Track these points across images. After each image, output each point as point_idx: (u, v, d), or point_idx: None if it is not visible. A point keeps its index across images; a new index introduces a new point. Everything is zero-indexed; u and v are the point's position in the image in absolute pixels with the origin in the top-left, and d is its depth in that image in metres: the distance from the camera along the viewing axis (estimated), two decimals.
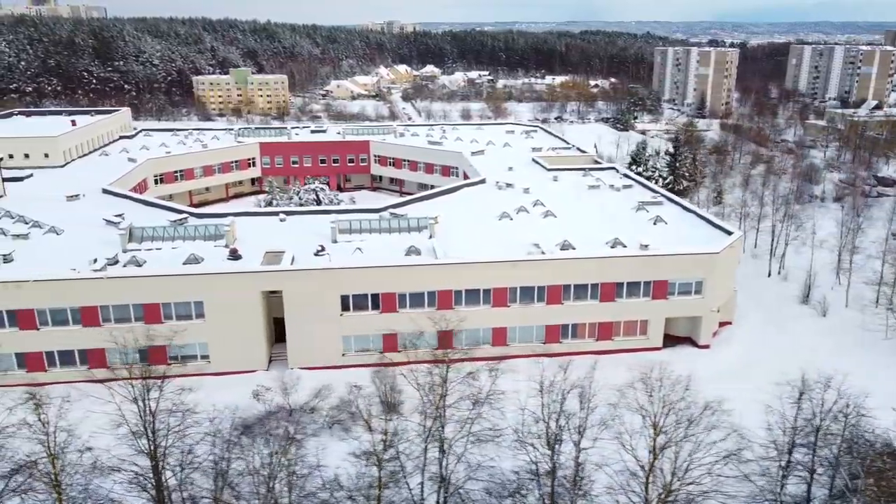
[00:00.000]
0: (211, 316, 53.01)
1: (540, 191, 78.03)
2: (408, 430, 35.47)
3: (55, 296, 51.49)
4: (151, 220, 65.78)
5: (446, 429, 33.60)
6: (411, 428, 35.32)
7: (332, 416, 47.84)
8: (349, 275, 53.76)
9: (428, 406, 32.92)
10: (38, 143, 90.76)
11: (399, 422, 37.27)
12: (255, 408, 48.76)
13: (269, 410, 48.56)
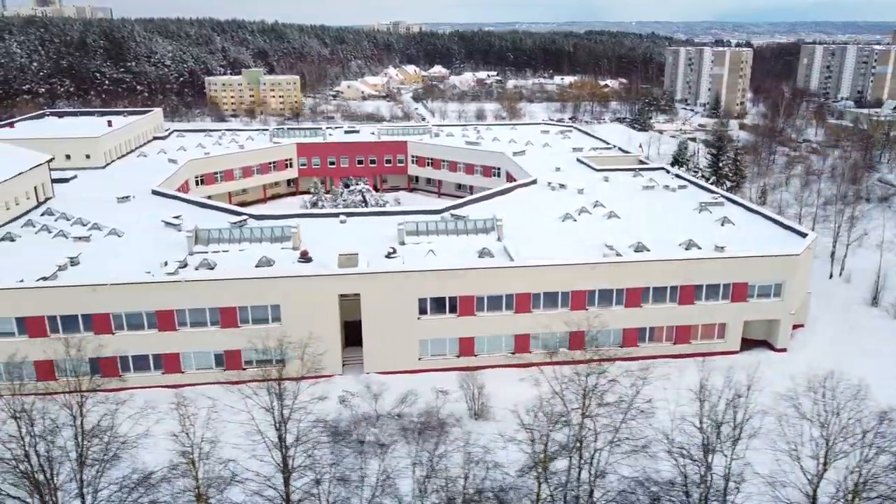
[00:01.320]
0: (288, 320, 51.99)
1: (594, 192, 77.16)
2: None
3: (131, 299, 50.46)
4: (208, 222, 64.81)
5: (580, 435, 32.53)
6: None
7: (423, 422, 46.79)
8: (427, 277, 52.81)
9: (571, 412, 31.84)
10: (79, 144, 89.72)
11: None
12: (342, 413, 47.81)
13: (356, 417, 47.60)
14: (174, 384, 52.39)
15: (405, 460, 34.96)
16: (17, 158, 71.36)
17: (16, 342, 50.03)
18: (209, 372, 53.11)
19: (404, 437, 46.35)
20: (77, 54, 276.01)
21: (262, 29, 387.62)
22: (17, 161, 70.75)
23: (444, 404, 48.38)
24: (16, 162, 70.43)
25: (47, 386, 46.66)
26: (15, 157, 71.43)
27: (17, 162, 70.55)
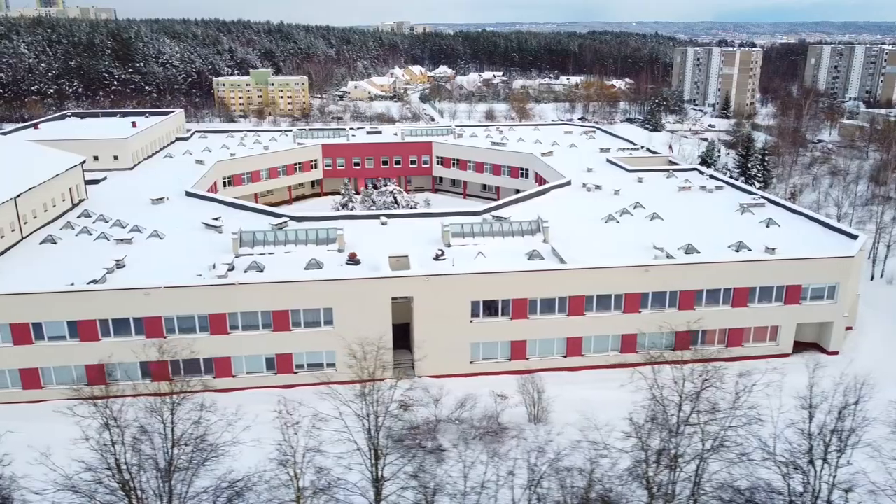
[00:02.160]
0: (340, 323, 51.40)
1: (631, 193, 76.60)
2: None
3: (184, 303, 49.84)
4: (247, 224, 64.22)
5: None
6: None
7: (485, 428, 46.21)
8: (481, 280, 52.22)
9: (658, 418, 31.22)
10: (108, 145, 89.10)
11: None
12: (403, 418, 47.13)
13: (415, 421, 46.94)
14: (225, 388, 51.76)
15: (481, 468, 34.32)
16: (52, 160, 70.75)
17: (68, 346, 49.44)
18: (260, 376, 52.51)
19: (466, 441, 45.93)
20: (85, 55, 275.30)
21: (269, 29, 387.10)
22: (52, 162, 70.15)
23: (504, 409, 47.73)
24: (51, 163, 69.82)
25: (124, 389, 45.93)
26: (49, 159, 70.81)
27: (52, 163, 69.94)
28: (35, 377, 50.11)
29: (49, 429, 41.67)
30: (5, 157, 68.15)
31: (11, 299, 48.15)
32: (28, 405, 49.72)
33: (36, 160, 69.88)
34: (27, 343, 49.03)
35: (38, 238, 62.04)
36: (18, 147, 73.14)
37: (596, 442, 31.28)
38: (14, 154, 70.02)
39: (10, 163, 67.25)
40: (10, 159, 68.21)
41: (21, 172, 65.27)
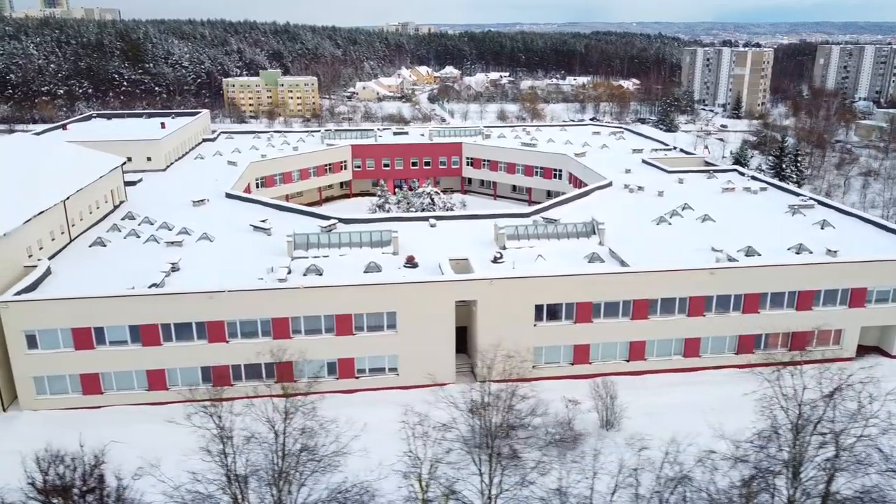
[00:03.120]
0: (403, 327, 50.68)
1: (674, 194, 76.02)
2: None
3: (247, 307, 49.08)
4: (291, 226, 63.55)
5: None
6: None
7: (559, 434, 45.43)
8: (545, 283, 51.47)
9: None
10: (141, 147, 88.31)
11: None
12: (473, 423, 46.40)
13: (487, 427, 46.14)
14: (287, 394, 50.93)
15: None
16: (95, 161, 70.01)
17: (129, 350, 48.69)
18: (322, 381, 51.54)
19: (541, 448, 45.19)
20: (95, 55, 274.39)
21: (276, 30, 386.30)
22: (96, 164, 69.42)
23: (576, 415, 47.03)
24: (94, 165, 69.10)
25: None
26: (92, 160, 70.06)
27: (96, 165, 69.22)
28: (96, 382, 49.29)
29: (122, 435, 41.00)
30: (50, 159, 67.37)
31: (74, 303, 47.31)
32: (88, 411, 48.94)
33: (79, 161, 69.12)
34: (89, 348, 48.21)
35: (86, 241, 61.28)
36: (60, 148, 72.33)
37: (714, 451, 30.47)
38: (57, 155, 69.23)
39: (55, 164, 66.49)
40: (55, 160, 67.45)
41: (67, 174, 64.53)
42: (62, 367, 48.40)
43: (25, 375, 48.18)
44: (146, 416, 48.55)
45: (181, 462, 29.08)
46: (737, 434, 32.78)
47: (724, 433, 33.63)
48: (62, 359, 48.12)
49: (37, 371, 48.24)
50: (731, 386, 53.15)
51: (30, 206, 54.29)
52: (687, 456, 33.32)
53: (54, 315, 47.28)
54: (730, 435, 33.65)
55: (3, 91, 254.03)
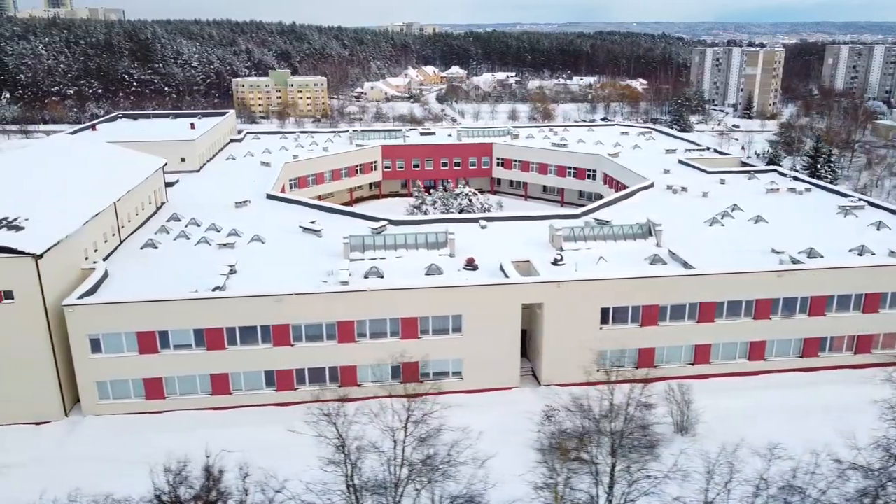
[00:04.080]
0: (469, 331, 49.97)
1: (719, 195, 75.48)
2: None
3: (313, 310, 48.32)
4: (340, 227, 62.94)
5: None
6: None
7: (637, 439, 44.64)
8: (612, 286, 50.77)
9: None
10: (176, 147, 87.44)
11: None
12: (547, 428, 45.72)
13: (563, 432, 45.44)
14: (348, 398, 50.23)
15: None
16: (138, 162, 69.28)
17: (193, 354, 47.94)
18: (384, 385, 50.85)
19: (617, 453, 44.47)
20: (104, 56, 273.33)
21: (282, 30, 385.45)
22: (140, 165, 68.68)
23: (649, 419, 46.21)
24: (138, 166, 68.36)
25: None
26: (135, 161, 69.33)
27: (140, 166, 68.48)
28: (159, 387, 48.53)
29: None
30: (97, 160, 66.63)
31: (140, 307, 46.55)
32: (150, 416, 48.20)
33: (124, 162, 68.39)
34: (153, 352, 47.45)
35: (136, 242, 60.49)
36: (104, 149, 71.53)
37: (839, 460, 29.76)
38: (103, 156, 68.50)
39: (103, 165, 65.75)
40: (102, 161, 66.71)
41: (115, 175, 63.78)
42: (126, 371, 47.64)
43: (88, 380, 47.42)
44: (210, 421, 47.91)
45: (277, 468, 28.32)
46: (827, 441, 32.41)
47: (813, 439, 33.20)
48: (126, 363, 47.37)
49: (100, 375, 47.48)
50: (797, 390, 52.79)
51: (86, 208, 53.53)
52: (783, 463, 32.88)
53: (119, 319, 46.54)
54: (819, 441, 33.26)
55: (13, 91, 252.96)
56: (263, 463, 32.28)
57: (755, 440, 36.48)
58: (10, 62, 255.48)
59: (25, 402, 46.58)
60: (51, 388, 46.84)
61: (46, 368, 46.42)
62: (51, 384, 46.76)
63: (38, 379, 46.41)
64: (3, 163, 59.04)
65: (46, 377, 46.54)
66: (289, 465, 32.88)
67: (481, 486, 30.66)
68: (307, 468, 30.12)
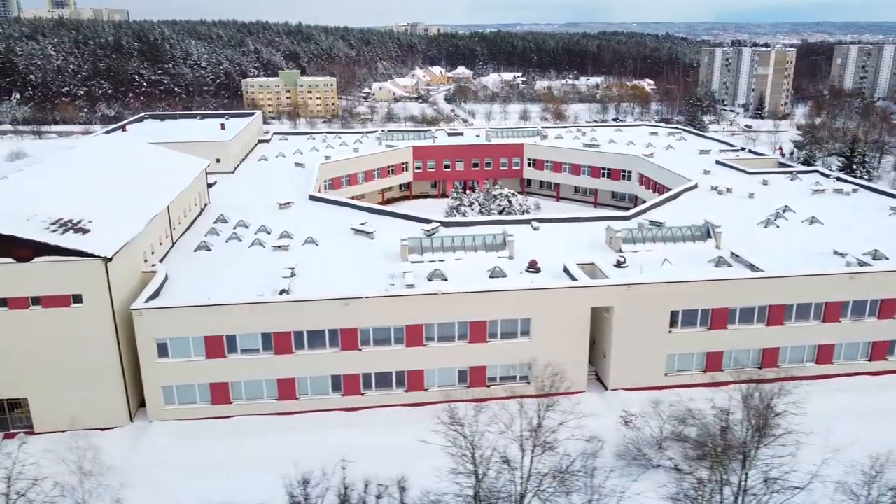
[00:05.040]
0: (537, 334, 49.23)
1: (765, 196, 74.80)
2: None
3: (382, 314, 47.56)
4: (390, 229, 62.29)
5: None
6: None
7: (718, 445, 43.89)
8: (682, 289, 50.03)
9: None
10: (211, 148, 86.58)
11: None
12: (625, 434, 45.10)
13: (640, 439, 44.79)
14: (415, 402, 49.68)
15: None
16: (183, 163, 68.50)
17: (261, 359, 47.18)
18: (451, 389, 50.15)
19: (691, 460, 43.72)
20: (113, 56, 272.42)
21: (289, 30, 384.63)
22: (186, 165, 67.90)
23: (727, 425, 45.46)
24: (185, 167, 67.58)
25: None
26: (182, 162, 68.55)
27: (186, 167, 67.70)
28: (225, 392, 47.75)
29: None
30: (144, 161, 65.87)
31: (208, 311, 45.77)
32: (217, 421, 47.44)
33: (171, 164, 67.61)
34: (220, 356, 46.67)
35: (188, 245, 59.71)
36: (148, 150, 70.70)
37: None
38: (151, 157, 67.71)
39: (152, 166, 64.96)
40: (151, 162, 65.93)
41: (166, 176, 63.02)
42: (192, 375, 46.87)
43: (155, 385, 46.63)
44: (278, 426, 47.18)
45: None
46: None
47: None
48: (193, 367, 46.60)
49: (167, 380, 46.72)
50: (867, 393, 52.12)
51: (145, 209, 52.74)
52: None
53: (187, 323, 45.77)
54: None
55: (23, 92, 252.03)
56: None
57: (835, 443, 36.04)
58: (19, 63, 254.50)
59: (91, 408, 45.76)
60: (117, 393, 46.09)
61: (113, 373, 45.65)
62: (118, 389, 45.99)
63: (105, 384, 45.65)
64: (57, 164, 58.22)
65: (113, 382, 45.78)
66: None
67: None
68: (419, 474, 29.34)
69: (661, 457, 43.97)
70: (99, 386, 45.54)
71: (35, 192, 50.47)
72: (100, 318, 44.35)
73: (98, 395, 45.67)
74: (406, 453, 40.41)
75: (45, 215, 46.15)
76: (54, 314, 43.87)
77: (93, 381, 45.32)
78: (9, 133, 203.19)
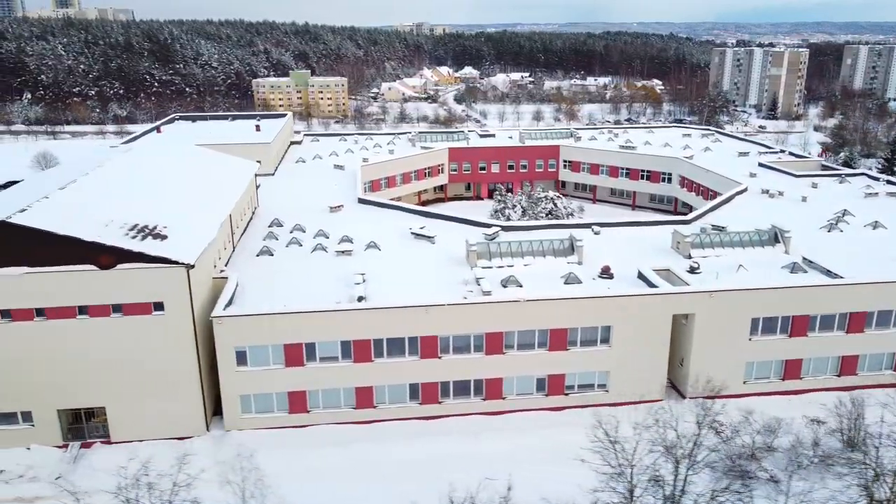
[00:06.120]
0: (617, 342, 48.41)
1: (819, 199, 74.17)
2: None
3: (463, 321, 46.74)
4: (447, 233, 61.58)
5: None
6: None
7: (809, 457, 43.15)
8: (764, 296, 49.22)
9: None
10: (254, 150, 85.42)
11: None
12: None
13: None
14: (493, 411, 48.88)
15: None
16: (239, 166, 67.58)
17: (339, 367, 46.32)
18: (529, 398, 49.44)
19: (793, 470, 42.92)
20: (124, 56, 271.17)
21: (296, 30, 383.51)
22: (240, 169, 66.99)
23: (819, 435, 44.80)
24: (240, 170, 66.68)
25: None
26: (236, 165, 67.63)
27: (241, 170, 66.81)
28: (302, 400, 46.88)
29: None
30: (199, 164, 64.93)
31: (288, 318, 44.88)
32: (293, 430, 46.59)
33: (223, 166, 66.67)
34: (299, 364, 45.81)
35: (248, 249, 58.84)
36: (200, 152, 69.73)
37: None
38: (202, 160, 66.76)
39: (206, 169, 64.03)
40: (203, 165, 65.00)
41: (222, 179, 62.12)
42: (271, 384, 45.98)
43: (233, 393, 45.74)
44: (358, 436, 46.39)
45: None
46: None
47: None
48: (272, 376, 45.72)
49: (245, 389, 45.84)
50: None
51: (213, 214, 51.88)
52: None
53: (267, 331, 44.88)
54: None
55: (34, 92, 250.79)
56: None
57: None
58: (30, 63, 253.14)
59: (169, 417, 45.00)
60: (196, 402, 45.19)
61: (192, 382, 44.78)
62: (196, 398, 45.10)
63: (184, 393, 44.80)
64: (116, 168, 57.23)
65: (192, 391, 44.91)
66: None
67: None
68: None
69: (757, 468, 43.10)
70: (178, 395, 44.70)
71: (103, 197, 49.52)
72: (180, 326, 43.51)
73: (176, 404, 44.84)
74: (512, 463, 39.83)
75: (121, 221, 45.30)
76: (135, 322, 43.03)
77: (172, 389, 44.48)
78: (22, 133, 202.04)
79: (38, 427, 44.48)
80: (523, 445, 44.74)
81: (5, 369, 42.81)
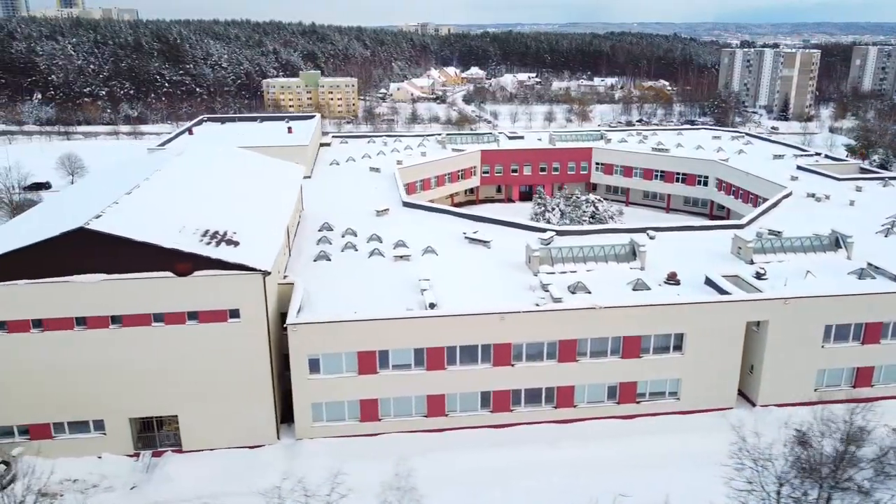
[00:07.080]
0: (690, 349, 47.80)
1: (867, 203, 73.64)
2: None
3: (536, 328, 46.09)
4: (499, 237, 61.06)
5: None
6: None
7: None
8: (837, 303, 48.64)
9: None
10: (291, 152, 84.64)
11: None
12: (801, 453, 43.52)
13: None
14: (564, 419, 48.25)
15: None
16: (289, 171, 67.01)
17: (412, 375, 45.67)
18: (600, 406, 48.81)
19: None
20: (133, 56, 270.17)
21: (304, 31, 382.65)
22: (290, 173, 66.39)
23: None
24: (291, 175, 66.08)
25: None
26: (286, 170, 67.05)
27: (291, 174, 66.20)
28: (374, 408, 46.23)
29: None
30: (250, 169, 64.29)
31: (361, 326, 44.20)
32: (366, 439, 45.94)
33: (272, 170, 66.03)
34: (372, 372, 45.15)
35: (305, 254, 58.14)
36: (248, 156, 69.05)
37: None
38: (253, 165, 66.12)
39: (258, 174, 63.39)
40: (255, 170, 64.36)
41: (275, 184, 61.47)
42: (343, 392, 45.34)
43: (305, 402, 45.08)
44: (427, 445, 45.67)
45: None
46: None
47: None
48: (344, 384, 45.07)
49: (317, 397, 45.20)
50: None
51: (276, 219, 51.27)
52: None
53: (341, 338, 44.19)
54: None
55: (45, 92, 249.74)
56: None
57: None
58: (41, 63, 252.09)
59: (241, 425, 44.38)
60: (268, 410, 44.54)
61: (265, 390, 44.13)
62: (269, 406, 44.44)
63: (257, 401, 44.16)
64: (177, 173, 56.55)
65: (265, 399, 44.27)
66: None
67: None
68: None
69: (843, 477, 42.42)
70: (251, 403, 44.05)
71: (170, 203, 48.87)
72: (256, 334, 42.89)
73: (249, 412, 44.18)
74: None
75: (193, 227, 44.63)
76: (210, 329, 42.38)
77: (245, 398, 43.85)
78: (35, 133, 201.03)
79: (109, 436, 43.82)
80: (601, 455, 44.14)
81: (79, 377, 42.16)
